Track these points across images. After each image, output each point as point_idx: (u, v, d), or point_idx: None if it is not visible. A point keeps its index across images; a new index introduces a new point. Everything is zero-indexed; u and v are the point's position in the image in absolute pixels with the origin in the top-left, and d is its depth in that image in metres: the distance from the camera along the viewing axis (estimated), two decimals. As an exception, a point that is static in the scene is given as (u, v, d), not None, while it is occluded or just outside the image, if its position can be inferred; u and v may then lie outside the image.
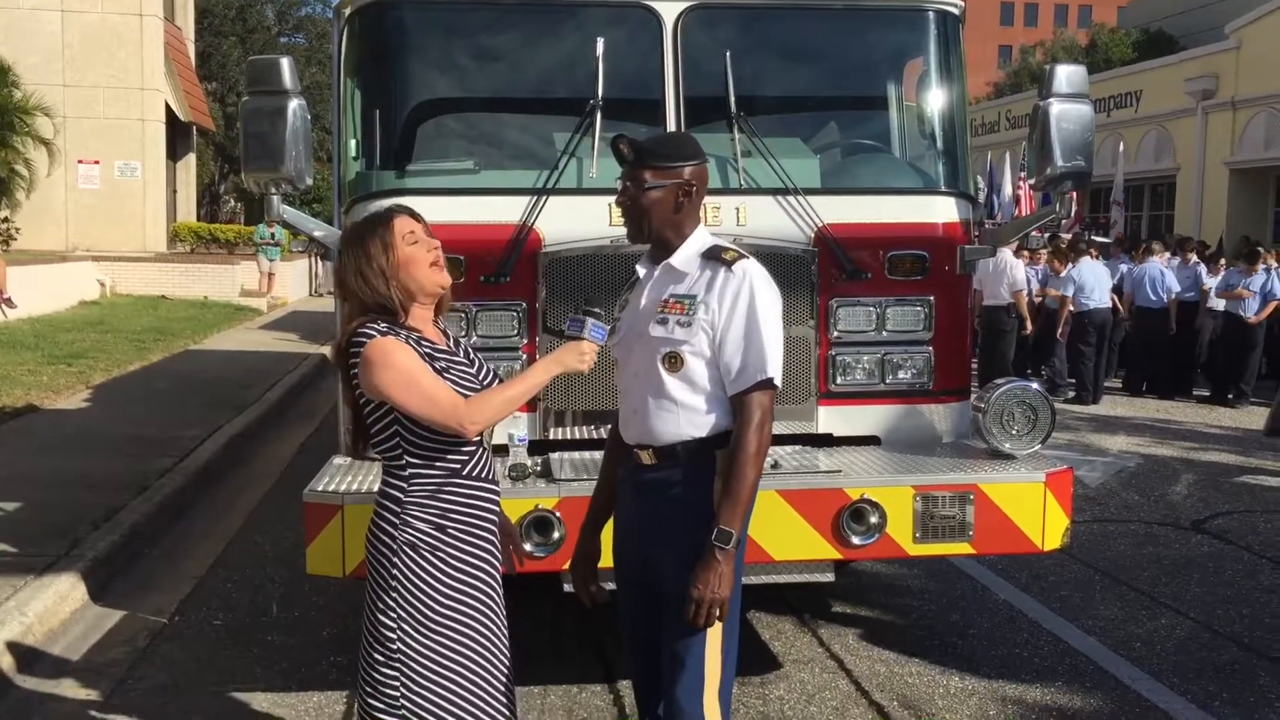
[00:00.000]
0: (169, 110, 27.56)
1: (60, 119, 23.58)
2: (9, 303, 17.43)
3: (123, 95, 25.70)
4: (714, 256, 3.13)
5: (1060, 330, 14.20)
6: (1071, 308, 14.07)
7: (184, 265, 25.04)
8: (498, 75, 5.28)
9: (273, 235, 24.66)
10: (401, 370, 3.00)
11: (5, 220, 22.75)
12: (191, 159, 31.71)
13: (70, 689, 5.00)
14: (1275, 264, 14.22)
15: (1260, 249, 14.91)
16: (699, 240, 3.19)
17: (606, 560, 3.48)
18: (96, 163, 25.85)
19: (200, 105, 31.86)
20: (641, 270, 3.27)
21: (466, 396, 3.07)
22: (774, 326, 3.09)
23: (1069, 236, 17.35)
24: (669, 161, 3.14)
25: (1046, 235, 16.09)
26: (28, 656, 5.23)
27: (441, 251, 3.19)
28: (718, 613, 2.99)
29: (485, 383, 3.18)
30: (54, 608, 5.68)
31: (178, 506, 7.90)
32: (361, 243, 3.12)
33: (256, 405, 11.77)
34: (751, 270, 3.11)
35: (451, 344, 3.24)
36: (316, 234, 5.03)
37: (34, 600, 5.59)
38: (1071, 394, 14.10)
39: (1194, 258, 15.38)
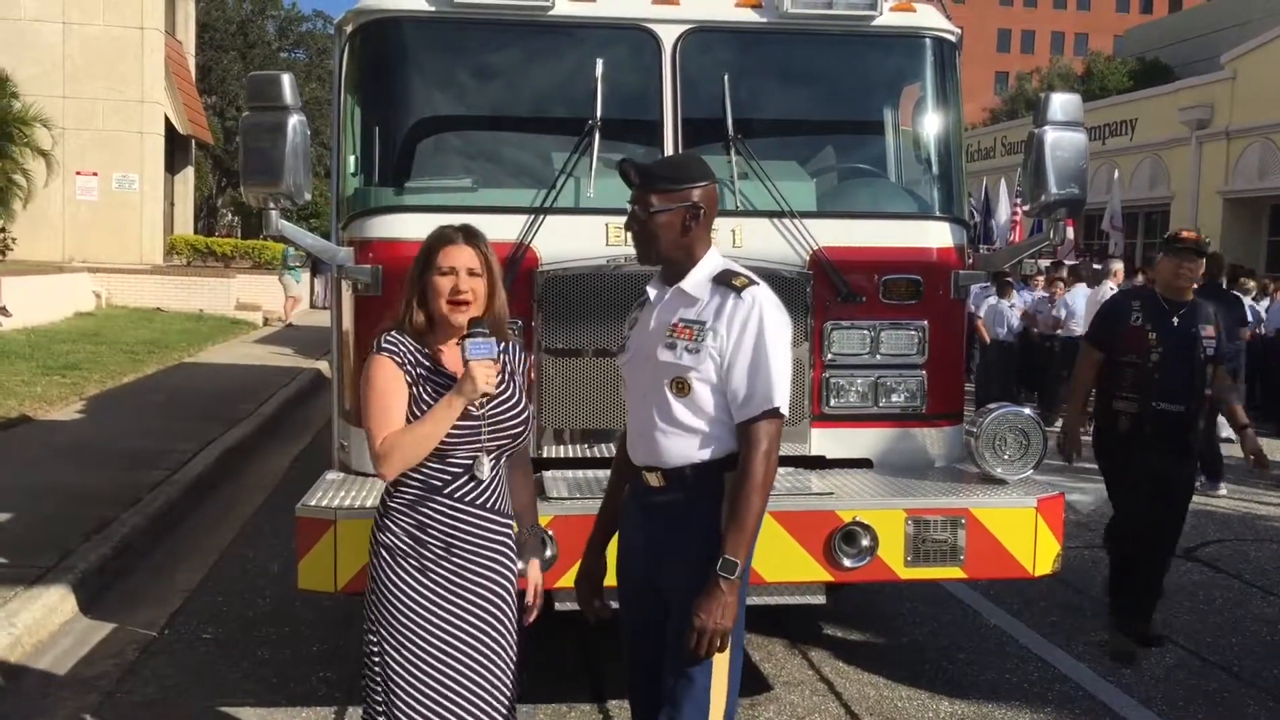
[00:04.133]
0: (168, 123, 27.61)
1: (59, 130, 23.61)
2: (4, 312, 17.48)
3: (122, 108, 25.75)
4: (724, 282, 3.11)
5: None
6: (1060, 333, 14.13)
7: (180, 278, 25.05)
8: (497, 94, 5.31)
9: (301, 256, 24.64)
10: (368, 387, 3.10)
11: (2, 230, 22.76)
12: (190, 172, 31.74)
13: (58, 702, 4.98)
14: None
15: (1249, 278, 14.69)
16: (710, 263, 3.17)
17: (610, 578, 3.48)
18: (95, 174, 25.87)
19: (199, 119, 31.93)
20: (652, 291, 3.26)
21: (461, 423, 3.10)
22: (782, 355, 3.08)
23: (1073, 263, 17.39)
24: (675, 184, 3.13)
25: (1048, 263, 16.16)
26: (16, 669, 5.22)
27: (471, 294, 3.16)
28: (719, 643, 2.98)
29: (489, 409, 3.17)
30: (43, 620, 5.67)
31: (169, 520, 7.89)
32: (422, 245, 3.21)
33: (250, 419, 11.76)
34: (761, 297, 3.08)
35: None
36: (315, 249, 5.04)
37: (23, 612, 5.58)
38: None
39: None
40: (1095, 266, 17.51)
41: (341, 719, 4.82)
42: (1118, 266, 13.89)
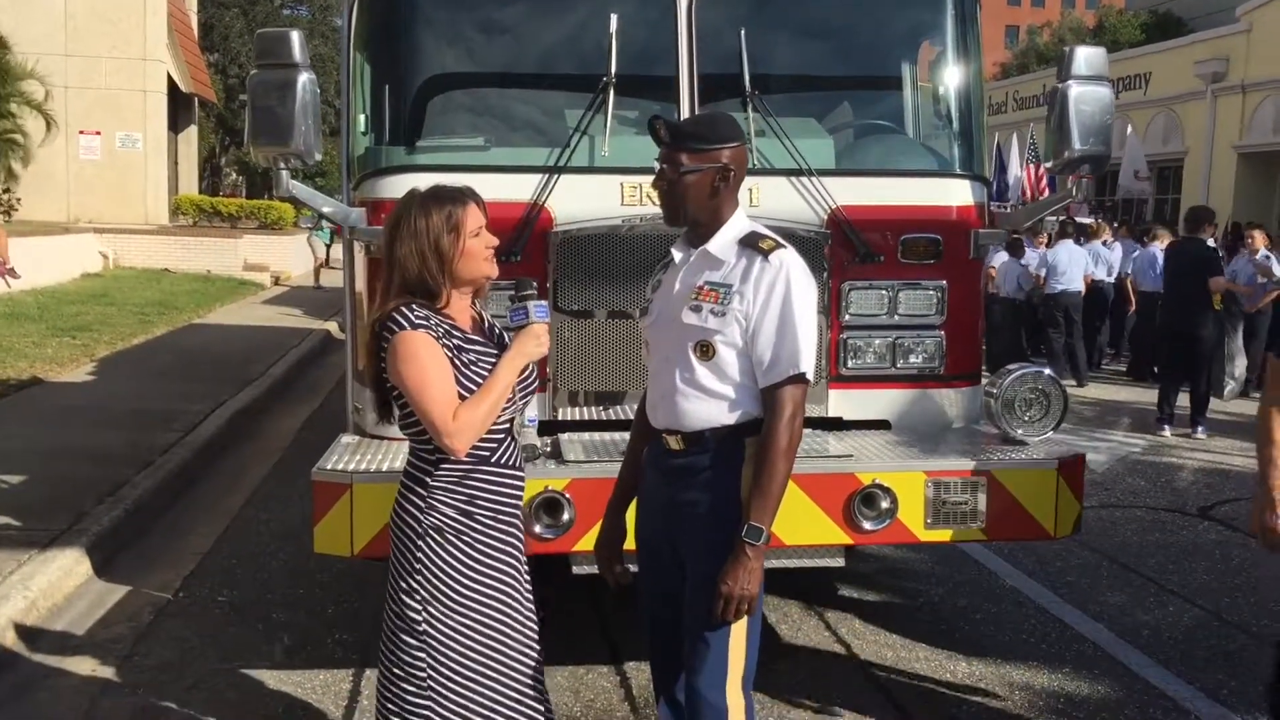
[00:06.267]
0: (171, 81, 27.41)
1: (61, 89, 23.43)
2: (12, 273, 17.39)
3: (125, 66, 25.56)
4: (751, 244, 3.06)
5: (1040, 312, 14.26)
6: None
7: (186, 238, 24.97)
8: (509, 51, 5.22)
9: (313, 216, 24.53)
10: (417, 372, 2.98)
11: (6, 191, 22.65)
12: (193, 131, 31.57)
13: (75, 665, 4.98)
14: (1265, 248, 13.64)
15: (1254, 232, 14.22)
16: (737, 225, 3.12)
17: (629, 541, 3.44)
18: (98, 134, 25.73)
19: (202, 77, 31.69)
20: (677, 253, 3.21)
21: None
22: (808, 319, 3.02)
23: (1091, 220, 17.28)
24: (706, 144, 3.06)
25: (1059, 219, 16.04)
26: (32, 631, 5.22)
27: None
28: (746, 608, 2.96)
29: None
30: (58, 582, 5.66)
31: (182, 481, 7.89)
32: (427, 219, 3.04)
33: (260, 380, 11.74)
34: (788, 261, 3.03)
35: (486, 329, 3.23)
36: (325, 210, 4.98)
37: (38, 575, 5.58)
38: (1071, 380, 14.07)
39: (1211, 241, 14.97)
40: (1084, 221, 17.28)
41: (358, 681, 4.81)
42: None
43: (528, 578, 3.26)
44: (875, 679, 4.95)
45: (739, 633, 3.06)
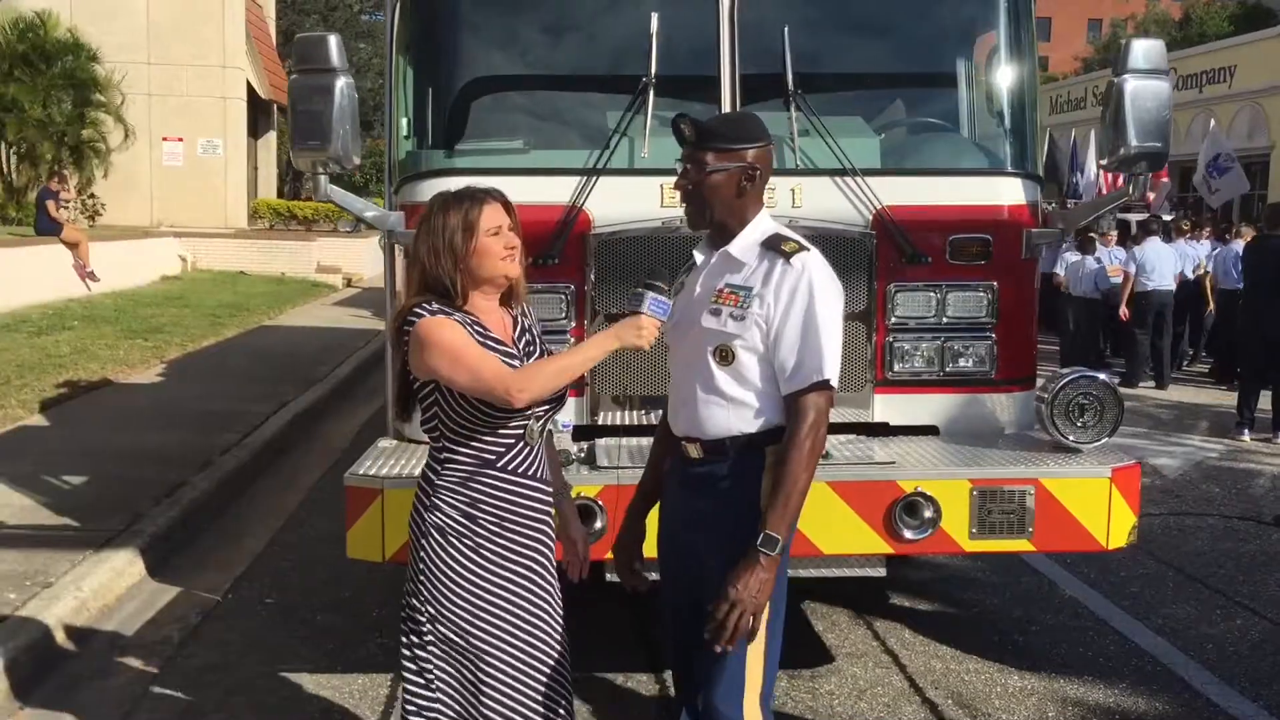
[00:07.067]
0: (250, 88, 27.96)
1: (145, 96, 24.03)
2: (91, 276, 17.87)
3: (205, 73, 26.18)
4: (773, 247, 2.98)
5: (1121, 310, 13.77)
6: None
7: (263, 241, 25.44)
8: (548, 52, 5.18)
9: None
10: (447, 346, 2.95)
11: (92, 196, 23.28)
12: (272, 136, 32.15)
13: (121, 665, 5.04)
14: None
15: None
16: (760, 227, 3.04)
17: (651, 550, 3.37)
18: (180, 140, 26.37)
19: (281, 83, 32.19)
20: (699, 256, 3.14)
21: None
22: (832, 325, 2.94)
23: (1170, 218, 16.74)
24: (732, 143, 3.00)
25: (1138, 218, 15.58)
26: (81, 632, 5.29)
27: (519, 246, 3.11)
28: (750, 620, 2.84)
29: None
30: (110, 583, 5.74)
31: (239, 483, 7.98)
32: (445, 217, 3.04)
33: (325, 381, 11.87)
34: (811, 264, 2.95)
35: (516, 332, 3.16)
36: (366, 214, 4.97)
37: (90, 575, 5.66)
38: (1151, 382, 13.65)
39: None
40: (1166, 218, 16.68)
41: (396, 686, 4.80)
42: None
43: (550, 588, 3.17)
44: (921, 691, 4.81)
45: (758, 646, 2.97)
